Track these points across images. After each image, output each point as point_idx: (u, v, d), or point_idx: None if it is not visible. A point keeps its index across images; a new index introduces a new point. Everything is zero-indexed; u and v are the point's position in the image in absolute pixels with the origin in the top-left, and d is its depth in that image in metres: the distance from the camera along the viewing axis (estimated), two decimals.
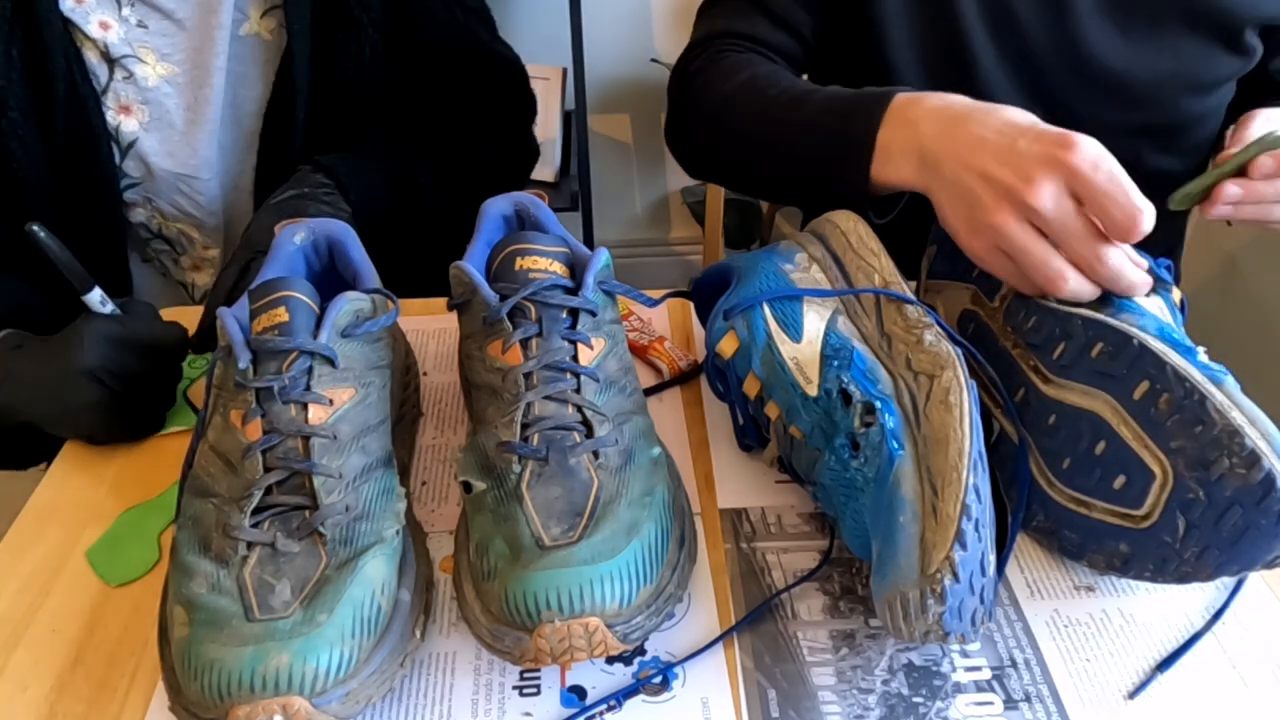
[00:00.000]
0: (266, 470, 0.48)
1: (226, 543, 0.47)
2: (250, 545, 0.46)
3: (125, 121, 0.81)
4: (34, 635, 0.52)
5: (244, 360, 0.50)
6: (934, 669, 0.49)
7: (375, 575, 0.46)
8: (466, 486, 0.51)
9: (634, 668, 0.49)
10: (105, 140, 0.80)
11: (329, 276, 0.62)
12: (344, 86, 0.86)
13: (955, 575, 0.43)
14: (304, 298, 0.52)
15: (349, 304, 0.53)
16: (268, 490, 0.48)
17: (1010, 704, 0.48)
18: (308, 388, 0.50)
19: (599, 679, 0.49)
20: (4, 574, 0.56)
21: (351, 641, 0.44)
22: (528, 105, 1.02)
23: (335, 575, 0.46)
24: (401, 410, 0.62)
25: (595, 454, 0.50)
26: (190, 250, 0.90)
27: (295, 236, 0.60)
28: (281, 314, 0.51)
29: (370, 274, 0.59)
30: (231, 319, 0.52)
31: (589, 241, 1.90)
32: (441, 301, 0.78)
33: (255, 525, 0.47)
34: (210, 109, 0.82)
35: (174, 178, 0.84)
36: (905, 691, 0.48)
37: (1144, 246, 0.55)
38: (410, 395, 0.65)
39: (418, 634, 0.48)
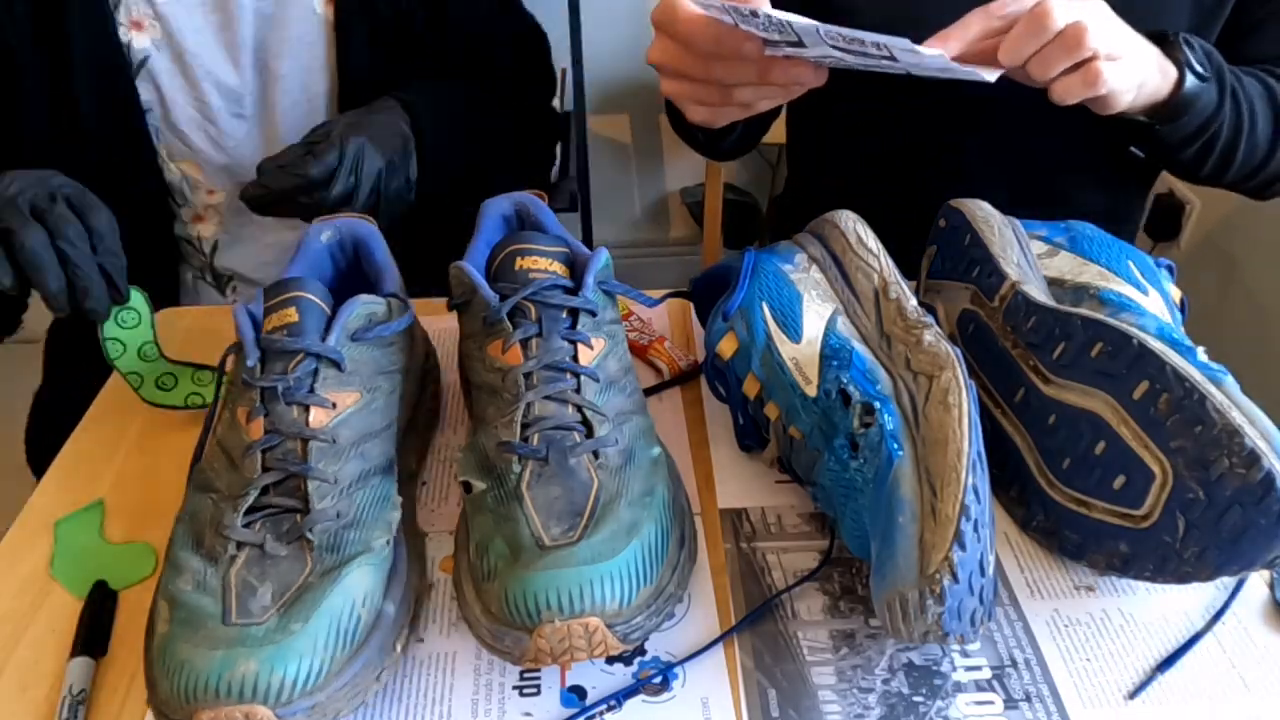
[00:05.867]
0: (264, 470, 0.48)
1: (218, 540, 0.46)
2: (240, 545, 0.46)
3: (137, 38, 0.79)
4: (34, 635, 0.52)
5: (252, 358, 0.50)
6: (934, 668, 0.49)
7: (357, 586, 0.45)
8: (466, 486, 0.51)
9: (634, 668, 0.49)
10: (121, 55, 0.78)
11: (353, 276, 0.62)
12: (384, 24, 0.84)
13: (954, 576, 0.43)
14: (315, 299, 0.52)
15: (361, 307, 0.53)
16: (264, 490, 0.48)
17: (1010, 704, 0.48)
18: (311, 390, 0.50)
19: (599, 679, 0.49)
20: (4, 574, 0.56)
21: (324, 653, 0.43)
22: (548, 76, 1.03)
23: (317, 583, 0.45)
24: (415, 414, 0.61)
25: (595, 454, 0.50)
26: (192, 198, 0.87)
27: (322, 235, 0.60)
28: (291, 314, 0.51)
29: (393, 276, 0.59)
30: (245, 316, 0.52)
31: (589, 241, 1.90)
32: (441, 302, 0.77)
33: (247, 525, 0.47)
34: (232, 35, 0.81)
35: (185, 101, 0.82)
36: (905, 691, 0.48)
37: None
38: (426, 400, 0.64)
39: (398, 648, 0.47)
